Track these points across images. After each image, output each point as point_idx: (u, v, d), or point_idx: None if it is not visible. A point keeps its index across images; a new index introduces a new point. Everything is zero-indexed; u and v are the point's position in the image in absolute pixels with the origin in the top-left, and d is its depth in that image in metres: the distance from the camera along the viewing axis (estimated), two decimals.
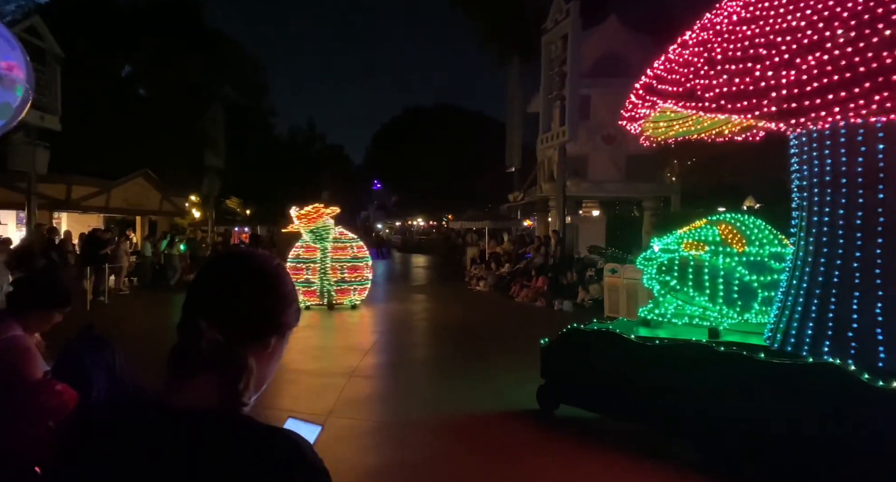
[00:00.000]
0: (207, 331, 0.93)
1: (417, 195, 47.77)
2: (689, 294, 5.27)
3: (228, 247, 24.94)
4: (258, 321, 0.99)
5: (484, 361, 7.94)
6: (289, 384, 6.88)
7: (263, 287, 1.00)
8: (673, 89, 4.37)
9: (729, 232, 5.41)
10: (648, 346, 4.78)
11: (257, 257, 1.05)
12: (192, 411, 0.90)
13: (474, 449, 4.87)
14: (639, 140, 6.26)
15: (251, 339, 0.98)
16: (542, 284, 14.06)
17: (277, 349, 1.03)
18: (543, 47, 17.96)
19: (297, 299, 1.08)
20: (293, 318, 1.06)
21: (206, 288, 1.00)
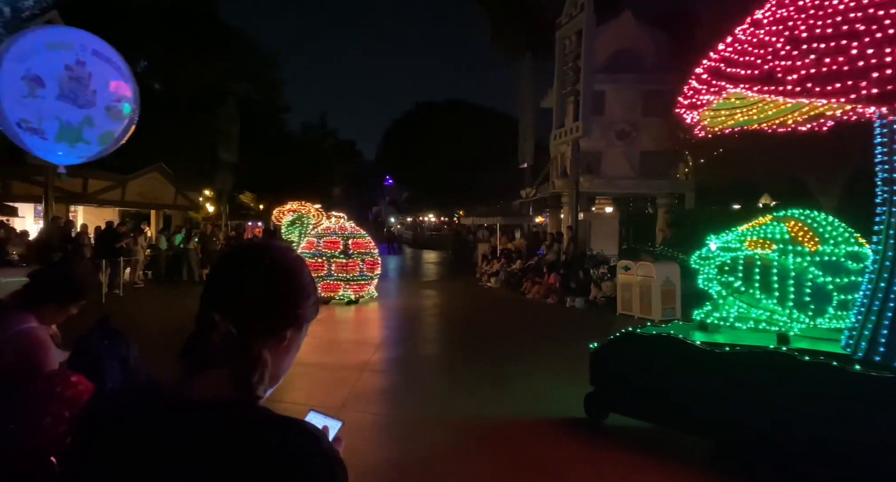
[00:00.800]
0: (221, 325, 0.93)
1: (429, 191, 47.78)
2: (755, 296, 4.91)
3: (242, 241, 25.11)
4: (273, 314, 0.98)
5: (498, 360, 7.91)
6: (301, 377, 6.91)
7: (279, 280, 1.00)
8: (746, 72, 3.99)
9: (799, 229, 4.99)
10: (717, 354, 4.37)
11: (274, 250, 1.04)
12: (206, 402, 0.89)
13: (499, 457, 4.81)
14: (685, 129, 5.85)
15: (266, 333, 0.97)
16: (554, 281, 14.00)
17: (294, 342, 1.03)
18: (557, 42, 17.85)
19: (315, 292, 1.07)
20: (311, 311, 1.05)
21: (222, 281, 0.99)
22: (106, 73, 4.66)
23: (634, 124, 20.65)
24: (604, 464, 4.41)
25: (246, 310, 0.96)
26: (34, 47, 4.64)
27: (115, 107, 4.63)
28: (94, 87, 4.53)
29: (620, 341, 5.16)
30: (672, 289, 10.99)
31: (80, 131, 4.42)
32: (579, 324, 11.10)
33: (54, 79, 4.37)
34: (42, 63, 4.44)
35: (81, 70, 4.52)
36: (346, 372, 7.05)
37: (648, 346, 4.93)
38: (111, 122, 4.57)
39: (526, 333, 10.08)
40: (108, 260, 13.29)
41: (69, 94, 4.40)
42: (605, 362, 5.23)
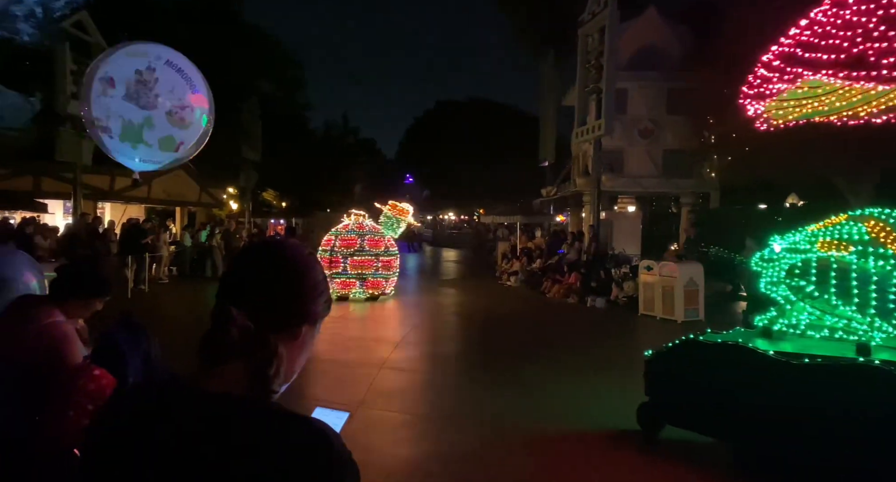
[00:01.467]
0: (239, 318, 0.94)
1: (449, 189, 47.76)
2: (830, 302, 4.54)
3: (264, 238, 25.39)
4: (288, 310, 1.00)
5: (519, 360, 7.88)
6: (320, 374, 6.95)
7: (294, 276, 1.01)
8: (830, 57, 3.67)
9: (881, 229, 4.60)
10: (796, 365, 4.05)
11: (288, 247, 1.06)
12: (222, 395, 0.91)
13: (534, 462, 4.77)
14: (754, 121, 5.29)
15: (281, 328, 0.99)
16: (574, 281, 13.89)
17: (308, 339, 1.04)
18: (580, 40, 17.68)
19: (328, 289, 1.09)
20: (323, 308, 1.07)
21: (238, 276, 1.01)
22: (173, 82, 4.96)
23: (658, 122, 20.40)
24: (660, 480, 4.24)
25: (262, 305, 0.97)
26: (116, 55, 4.97)
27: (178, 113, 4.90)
28: (157, 91, 4.84)
29: (681, 349, 4.80)
30: (695, 289, 10.82)
31: (140, 132, 4.70)
32: (602, 325, 10.99)
33: (123, 81, 4.66)
34: (117, 67, 4.77)
35: (149, 75, 4.81)
36: (365, 369, 7.08)
37: (713, 355, 4.55)
38: (171, 127, 4.83)
39: (547, 334, 10.02)
40: (133, 256, 13.53)
41: (133, 94, 4.70)
42: (663, 371, 4.88)
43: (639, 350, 9.33)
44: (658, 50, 20.06)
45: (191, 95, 5.07)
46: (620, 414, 5.51)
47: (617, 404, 5.82)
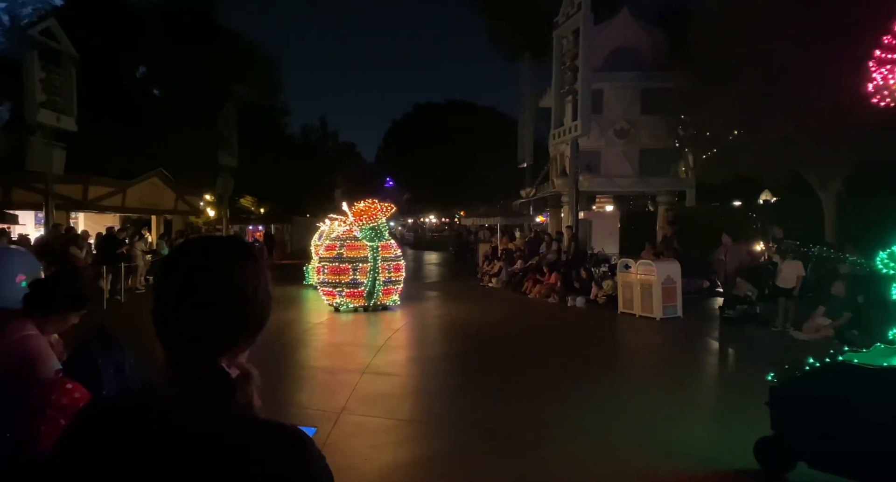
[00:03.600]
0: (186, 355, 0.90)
1: (429, 192, 47.77)
2: None
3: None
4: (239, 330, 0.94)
5: (502, 362, 7.91)
6: (302, 381, 6.91)
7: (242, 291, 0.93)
8: None
9: None
10: None
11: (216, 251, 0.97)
12: (197, 406, 0.89)
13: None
14: None
15: (243, 348, 0.96)
16: (554, 281, 13.99)
17: None
18: (555, 42, 17.84)
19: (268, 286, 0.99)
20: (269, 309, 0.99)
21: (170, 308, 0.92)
22: None
23: (633, 122, 20.65)
24: None
25: (205, 336, 0.91)
26: None
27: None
28: None
29: (826, 374, 4.01)
30: (673, 286, 10.97)
31: None
32: (583, 325, 11.10)
33: None
34: None
35: None
36: (346, 375, 7.05)
37: (877, 382, 3.76)
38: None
39: (530, 335, 10.07)
40: (108, 266, 13.31)
41: None
42: (800, 400, 4.08)
43: (611, 343, 9.47)
44: (632, 51, 20.32)
45: None
46: (601, 409, 5.58)
47: (599, 404, 5.88)
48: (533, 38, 24.12)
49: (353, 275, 11.43)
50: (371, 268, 11.39)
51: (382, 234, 11.57)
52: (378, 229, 11.47)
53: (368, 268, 11.38)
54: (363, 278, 11.39)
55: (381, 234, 11.54)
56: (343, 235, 11.92)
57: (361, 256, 11.49)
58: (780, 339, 9.09)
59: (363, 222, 11.38)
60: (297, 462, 0.87)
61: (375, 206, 11.49)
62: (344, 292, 11.46)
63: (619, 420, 5.37)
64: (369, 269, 11.38)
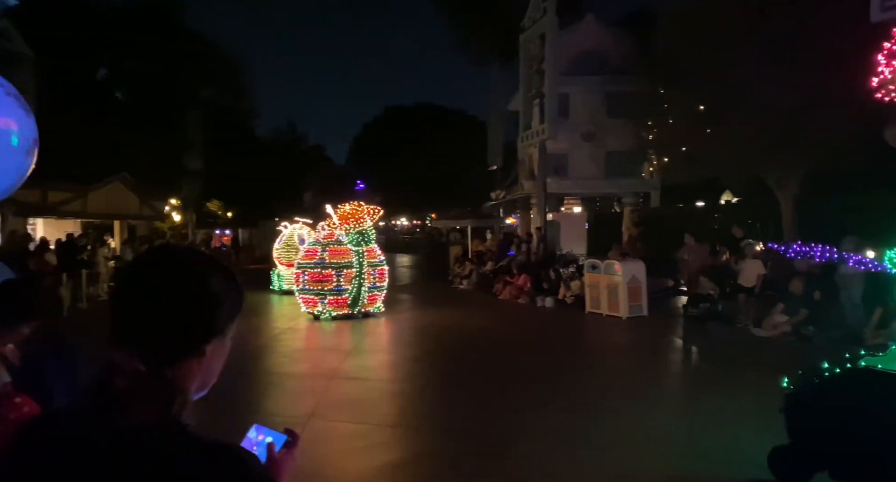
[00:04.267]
0: (126, 364, 0.88)
1: (401, 195, 47.69)
2: None
3: (210, 250, 24.73)
4: (186, 338, 0.92)
5: (473, 363, 7.96)
6: (270, 387, 6.85)
7: (185, 299, 0.92)
8: None
9: None
10: None
11: (173, 259, 0.97)
12: (132, 428, 0.85)
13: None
14: None
15: (182, 357, 0.92)
16: (524, 282, 14.12)
17: (219, 350, 0.98)
18: (521, 46, 18.04)
19: (230, 294, 0.98)
20: (228, 316, 0.98)
21: (122, 312, 0.93)
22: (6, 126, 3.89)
23: (599, 125, 20.98)
24: None
25: (155, 340, 0.90)
26: None
27: None
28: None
29: (848, 380, 3.85)
30: (638, 286, 11.19)
31: None
32: (552, 324, 11.24)
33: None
34: None
35: None
36: (316, 380, 7.00)
37: (891, 386, 3.63)
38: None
39: (500, 335, 10.14)
40: (69, 273, 12.95)
41: None
42: (819, 407, 3.88)
43: (580, 343, 9.61)
44: (597, 55, 20.68)
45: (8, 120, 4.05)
46: (575, 410, 5.66)
47: (573, 404, 5.97)
48: (500, 42, 24.31)
49: (337, 281, 10.87)
50: (356, 274, 10.83)
51: (369, 239, 11.06)
52: (365, 233, 10.97)
53: (354, 274, 10.82)
54: (348, 284, 10.84)
55: (369, 239, 11.03)
56: (325, 239, 11.35)
57: (346, 261, 10.92)
58: (742, 336, 9.35)
59: (350, 226, 10.89)
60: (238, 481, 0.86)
61: (363, 209, 11.02)
62: (327, 299, 10.89)
63: (592, 420, 5.45)
64: (354, 275, 10.82)
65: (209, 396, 1.02)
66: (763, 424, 4.82)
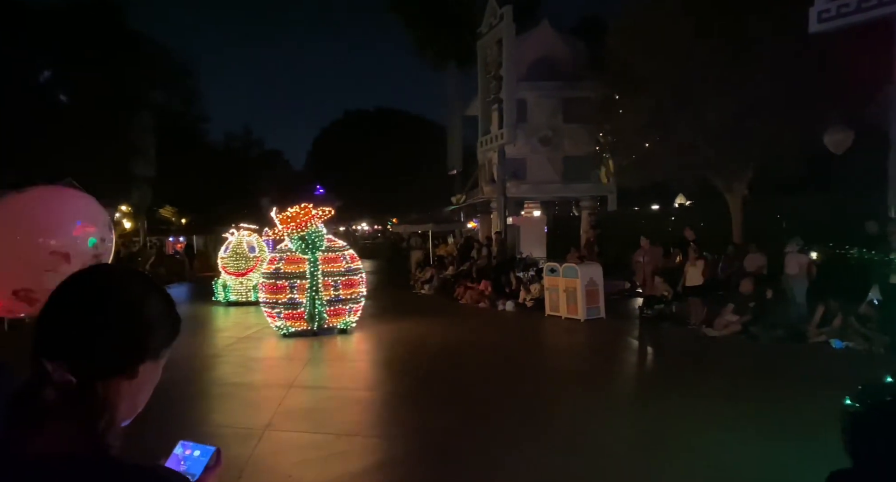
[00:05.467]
0: (56, 374, 0.84)
1: (361, 199, 47.35)
2: None
3: (162, 258, 23.99)
4: (117, 353, 0.90)
5: (435, 368, 7.93)
6: (223, 398, 6.67)
7: (120, 314, 0.91)
8: None
9: None
10: None
11: (110, 278, 0.96)
12: (45, 455, 0.81)
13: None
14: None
15: (114, 373, 0.89)
16: (484, 286, 14.20)
17: (150, 374, 0.95)
18: (479, 52, 18.20)
19: (167, 319, 0.98)
20: (164, 340, 0.97)
21: (54, 321, 0.91)
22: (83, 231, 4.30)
23: (556, 130, 21.32)
24: None
25: (85, 353, 0.87)
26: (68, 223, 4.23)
27: None
28: None
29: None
30: (596, 289, 11.38)
31: None
32: (511, 327, 11.32)
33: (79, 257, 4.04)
34: (73, 242, 4.09)
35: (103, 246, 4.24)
36: (272, 390, 6.85)
37: None
38: None
39: (462, 339, 10.14)
40: None
41: None
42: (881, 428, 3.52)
43: (539, 346, 9.69)
44: (553, 61, 21.01)
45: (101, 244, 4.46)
46: (537, 416, 5.70)
47: (536, 410, 6.01)
48: (457, 46, 24.46)
49: (291, 293, 9.75)
50: (309, 286, 9.67)
51: (316, 245, 9.82)
52: (310, 239, 9.76)
53: (307, 286, 9.70)
54: (302, 297, 9.74)
55: (315, 245, 9.80)
56: (285, 247, 10.26)
57: (300, 271, 9.76)
58: (694, 336, 9.62)
59: (292, 231, 9.76)
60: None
61: (307, 211, 9.86)
62: (282, 314, 9.88)
63: (553, 423, 5.51)
64: (308, 287, 9.70)
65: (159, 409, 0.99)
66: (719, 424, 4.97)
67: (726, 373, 7.41)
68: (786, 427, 5.11)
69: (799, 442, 4.67)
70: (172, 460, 1.05)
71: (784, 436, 4.88)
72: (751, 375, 7.18)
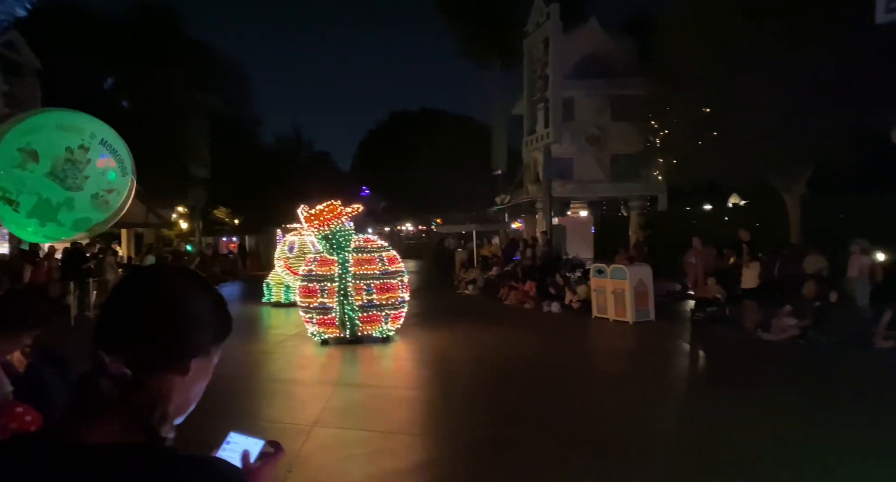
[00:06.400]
0: (112, 366, 0.88)
1: (405, 200, 47.76)
2: None
3: (217, 257, 24.83)
4: (170, 348, 0.94)
5: (479, 370, 7.93)
6: (272, 394, 6.84)
7: (172, 311, 0.95)
8: None
9: None
10: None
11: (164, 277, 1.00)
12: (102, 447, 0.84)
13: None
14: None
15: (165, 367, 0.93)
16: (529, 287, 14.07)
17: (201, 370, 0.98)
18: (525, 51, 18.06)
19: (216, 317, 1.01)
20: (214, 337, 1.00)
21: (111, 316, 0.95)
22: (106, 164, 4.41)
23: (604, 129, 20.95)
24: None
25: (140, 347, 0.91)
26: (44, 124, 4.30)
27: (105, 197, 4.34)
28: (87, 173, 4.29)
29: None
30: (645, 290, 11.12)
31: (55, 212, 4.10)
32: (558, 329, 11.18)
33: (50, 157, 4.11)
34: (45, 140, 4.21)
35: (81, 155, 4.21)
36: (319, 387, 6.99)
37: None
38: (93, 209, 4.28)
39: (505, 339, 10.09)
40: (75, 281, 13.01)
41: (60, 174, 4.11)
42: None
43: (587, 349, 9.55)
44: (601, 58, 20.66)
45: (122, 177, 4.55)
46: (582, 419, 5.61)
47: (584, 413, 5.92)
48: (502, 45, 24.36)
49: (321, 297, 9.05)
50: (337, 289, 8.97)
51: (342, 245, 9.01)
52: (334, 238, 8.95)
53: (336, 289, 9.01)
54: (332, 302, 9.04)
55: (340, 245, 9.00)
56: None
57: (330, 274, 9.03)
58: (749, 340, 9.27)
59: (317, 229, 9.03)
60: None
61: (332, 208, 9.11)
62: (315, 319, 9.25)
63: (599, 425, 5.41)
64: (337, 290, 9.01)
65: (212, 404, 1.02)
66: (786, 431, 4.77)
67: (785, 380, 7.10)
68: (858, 441, 4.83)
69: (874, 459, 4.43)
70: (225, 450, 1.08)
71: (854, 452, 4.62)
72: (812, 382, 6.86)
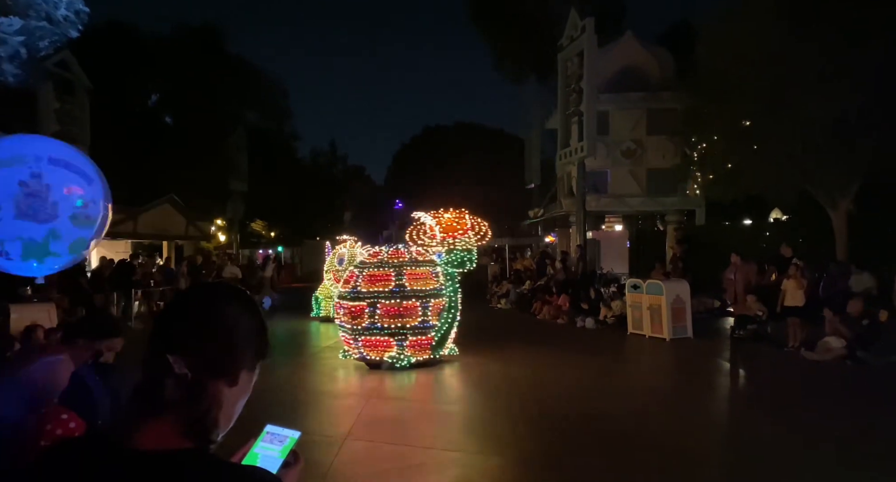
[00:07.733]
0: (176, 366, 0.92)
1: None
2: None
3: (253, 269, 25.31)
4: (226, 356, 0.98)
5: (508, 383, 7.84)
6: (306, 405, 6.88)
7: (229, 322, 0.99)
8: None
9: None
10: None
11: (224, 291, 1.05)
12: (157, 452, 0.87)
13: None
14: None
15: (219, 375, 0.97)
16: (563, 302, 13.90)
17: (246, 383, 1.02)
18: (560, 64, 18.03)
19: (266, 332, 1.07)
20: (259, 353, 1.05)
21: (173, 323, 0.99)
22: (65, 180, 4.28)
23: (640, 142, 20.69)
24: None
25: (199, 353, 0.95)
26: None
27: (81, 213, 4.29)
28: (53, 198, 4.16)
29: None
30: (682, 307, 10.86)
31: (46, 246, 4.08)
32: (592, 344, 10.99)
33: (9, 199, 4.00)
34: None
35: (37, 184, 4.10)
36: (352, 399, 7.01)
37: None
38: (79, 229, 4.24)
39: (538, 356, 9.96)
40: (119, 292, 13.41)
41: (28, 211, 4.04)
42: None
43: (623, 365, 9.33)
44: (637, 72, 20.47)
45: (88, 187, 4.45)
46: (625, 435, 5.49)
47: (623, 431, 5.79)
48: (537, 59, 24.39)
49: (424, 315, 8.25)
50: (448, 306, 8.40)
51: (472, 260, 8.74)
52: (472, 253, 8.72)
53: (444, 306, 8.35)
54: (436, 320, 8.32)
55: (472, 260, 8.75)
56: (392, 258, 8.55)
57: (432, 288, 8.34)
58: (792, 359, 8.94)
59: (453, 240, 8.55)
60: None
61: (460, 218, 8.86)
62: (407, 342, 8.25)
63: (644, 454, 5.28)
64: (444, 307, 8.35)
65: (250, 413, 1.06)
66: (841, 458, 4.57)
67: (836, 403, 6.80)
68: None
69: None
70: (263, 454, 1.09)
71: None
72: (865, 406, 6.55)
